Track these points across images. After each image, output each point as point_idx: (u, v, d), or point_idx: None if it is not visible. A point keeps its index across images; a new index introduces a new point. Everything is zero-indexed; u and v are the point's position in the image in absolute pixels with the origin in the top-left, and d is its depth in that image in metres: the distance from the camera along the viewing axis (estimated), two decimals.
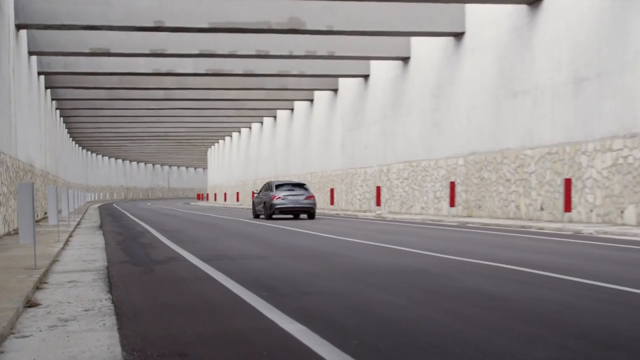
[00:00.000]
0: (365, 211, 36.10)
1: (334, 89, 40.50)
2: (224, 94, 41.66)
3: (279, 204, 28.74)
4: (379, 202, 33.08)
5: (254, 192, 34.32)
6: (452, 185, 26.50)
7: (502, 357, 5.25)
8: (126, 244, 16.10)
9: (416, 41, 30.66)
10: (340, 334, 5.98)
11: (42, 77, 33.25)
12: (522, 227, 20.41)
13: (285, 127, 52.20)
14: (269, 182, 30.17)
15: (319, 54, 28.93)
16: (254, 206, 31.15)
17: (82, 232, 20.85)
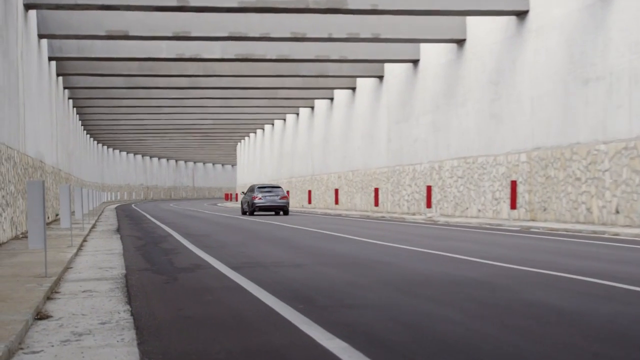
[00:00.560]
0: (414, 214, 36.02)
1: (379, 76, 40.46)
2: (255, 82, 41.83)
3: (259, 202, 39.90)
4: (429, 204, 32.99)
5: (243, 192, 43.95)
6: (514, 184, 26.34)
7: None
8: (146, 250, 16.24)
9: (473, 21, 30.50)
10: (386, 352, 5.97)
11: (53, 63, 33.67)
12: (594, 232, 20.30)
13: (323, 119, 52.26)
14: (252, 185, 41.53)
15: (362, 36, 28.90)
16: (242, 204, 42.97)
17: (98, 236, 21.08)
